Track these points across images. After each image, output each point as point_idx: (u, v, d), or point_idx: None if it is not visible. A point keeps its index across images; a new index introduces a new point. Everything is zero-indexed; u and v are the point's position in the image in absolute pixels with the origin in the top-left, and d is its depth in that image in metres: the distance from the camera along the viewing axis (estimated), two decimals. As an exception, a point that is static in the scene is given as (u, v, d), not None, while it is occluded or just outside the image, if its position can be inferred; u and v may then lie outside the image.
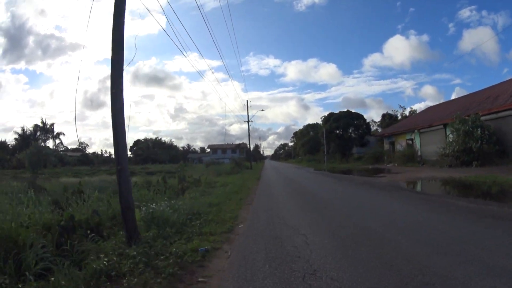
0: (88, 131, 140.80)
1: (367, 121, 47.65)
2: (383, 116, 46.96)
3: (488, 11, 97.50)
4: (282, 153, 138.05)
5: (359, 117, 46.57)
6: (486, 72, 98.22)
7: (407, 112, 44.83)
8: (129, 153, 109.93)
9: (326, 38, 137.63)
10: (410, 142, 29.42)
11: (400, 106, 51.26)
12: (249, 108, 40.44)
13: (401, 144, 31.24)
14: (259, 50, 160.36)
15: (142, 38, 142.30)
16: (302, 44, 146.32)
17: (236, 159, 38.36)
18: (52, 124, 73.65)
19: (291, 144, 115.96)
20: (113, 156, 5.18)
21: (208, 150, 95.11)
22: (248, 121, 40.98)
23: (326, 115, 49.51)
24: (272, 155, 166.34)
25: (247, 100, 40.78)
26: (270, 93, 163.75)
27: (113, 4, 4.71)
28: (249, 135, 41.45)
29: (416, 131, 27.75)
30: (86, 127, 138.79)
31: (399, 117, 44.06)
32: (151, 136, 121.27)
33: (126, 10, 4.84)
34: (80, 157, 76.98)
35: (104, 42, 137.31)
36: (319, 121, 66.43)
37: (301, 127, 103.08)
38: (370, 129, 46.22)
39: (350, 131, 45.81)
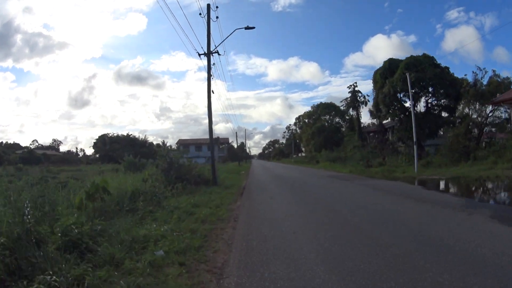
0: (75, 130, 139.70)
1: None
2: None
3: (476, 13, 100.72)
4: (272, 151, 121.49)
5: (444, 72, 24.48)
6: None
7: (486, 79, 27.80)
8: (92, 150, 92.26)
9: (310, 38, 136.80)
10: None
11: (479, 69, 30.64)
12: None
13: None
14: (240, 49, 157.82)
15: (128, 37, 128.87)
16: (288, 44, 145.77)
17: (161, 165, 13.23)
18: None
19: (282, 140, 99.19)
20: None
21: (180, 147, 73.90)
22: (208, 53, 15.61)
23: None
24: (260, 154, 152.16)
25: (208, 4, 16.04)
26: (257, 92, 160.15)
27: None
28: (209, 77, 15.77)
29: None
30: (72, 126, 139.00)
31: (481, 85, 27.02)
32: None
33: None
34: (24, 155, 62.70)
35: (91, 40, 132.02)
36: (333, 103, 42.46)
37: (286, 125, 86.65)
38: (460, 97, 25.28)
39: (438, 96, 24.50)
